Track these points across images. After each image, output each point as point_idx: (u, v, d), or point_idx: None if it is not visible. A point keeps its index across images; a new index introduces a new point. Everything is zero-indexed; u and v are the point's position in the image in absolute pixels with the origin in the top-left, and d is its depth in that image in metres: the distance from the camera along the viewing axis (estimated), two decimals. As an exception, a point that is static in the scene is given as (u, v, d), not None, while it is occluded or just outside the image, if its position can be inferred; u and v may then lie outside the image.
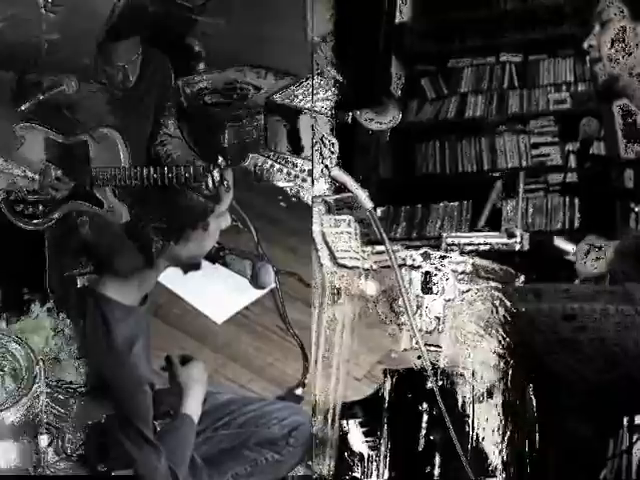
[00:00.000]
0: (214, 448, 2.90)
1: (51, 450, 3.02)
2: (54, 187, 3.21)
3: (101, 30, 3.32)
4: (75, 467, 3.00)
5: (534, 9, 4.89)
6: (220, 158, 3.10)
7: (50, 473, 3.02)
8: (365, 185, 2.82)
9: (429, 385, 2.77)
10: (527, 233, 3.09)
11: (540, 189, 4.79)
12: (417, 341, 2.75)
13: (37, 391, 3.03)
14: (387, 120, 4.16)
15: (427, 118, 5.10)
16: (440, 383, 2.79)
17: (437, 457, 2.82)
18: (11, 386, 3.04)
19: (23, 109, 3.19)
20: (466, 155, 4.99)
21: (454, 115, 5.06)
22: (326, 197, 3.02)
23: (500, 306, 2.79)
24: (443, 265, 2.88)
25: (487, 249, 3.05)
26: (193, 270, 2.72)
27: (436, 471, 2.82)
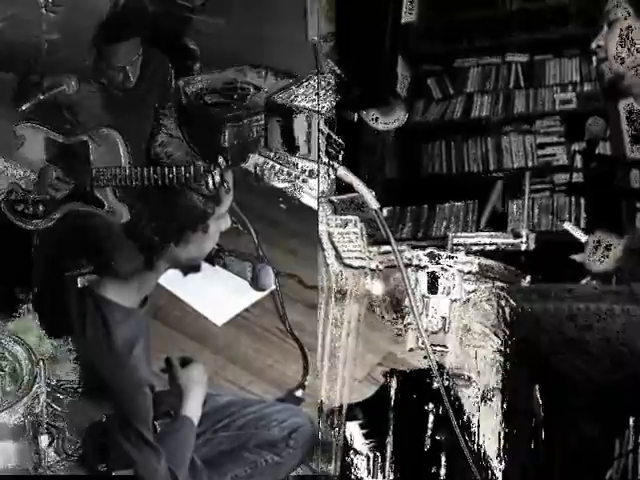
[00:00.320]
0: (214, 450, 2.90)
1: (51, 450, 3.03)
2: (54, 187, 3.21)
3: (98, 29, 3.31)
4: (75, 467, 3.00)
5: (540, 9, 4.89)
6: (220, 158, 3.10)
7: (50, 473, 3.02)
8: (371, 185, 2.82)
9: (435, 385, 2.77)
10: (533, 233, 3.09)
11: (546, 189, 4.79)
12: (423, 341, 2.75)
13: (37, 391, 3.03)
14: (393, 120, 4.16)
15: (433, 118, 5.09)
16: (446, 383, 2.79)
17: (443, 457, 2.82)
18: (11, 386, 3.05)
19: (23, 109, 3.19)
20: (472, 155, 4.99)
21: (460, 115, 5.06)
22: (332, 197, 3.02)
23: (506, 306, 2.79)
24: (449, 265, 2.88)
25: (493, 249, 3.05)
26: (193, 272, 2.71)
27: (442, 471, 2.82)
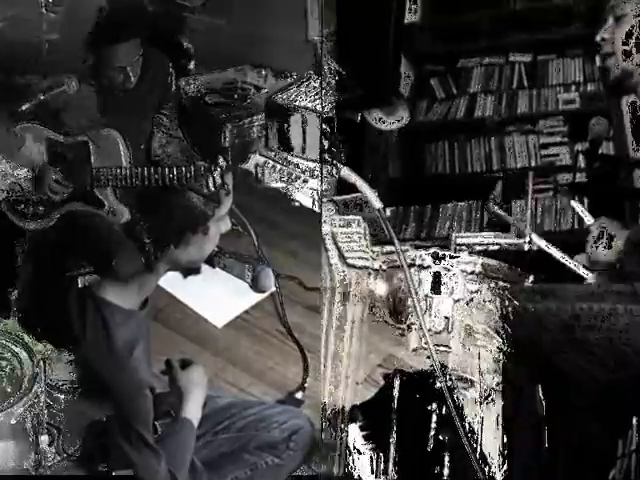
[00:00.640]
0: (214, 452, 2.88)
1: (51, 450, 3.03)
2: (53, 190, 3.22)
3: (98, 29, 3.31)
4: (75, 467, 3.00)
5: (543, 9, 4.90)
6: (220, 158, 3.10)
7: (50, 473, 3.02)
8: (374, 185, 2.82)
9: (438, 385, 2.78)
10: (536, 233, 3.09)
11: (549, 189, 4.79)
12: (426, 341, 2.75)
13: (37, 391, 3.04)
14: (396, 120, 4.17)
15: (436, 118, 5.10)
16: (449, 383, 2.79)
17: (446, 457, 2.82)
18: (11, 386, 3.05)
19: (24, 109, 3.18)
20: (475, 155, 5.00)
21: (463, 115, 5.07)
22: (335, 197, 3.02)
23: (509, 306, 2.79)
24: (452, 265, 2.89)
25: (496, 249, 3.05)
26: (193, 274, 2.70)
27: (445, 471, 2.82)
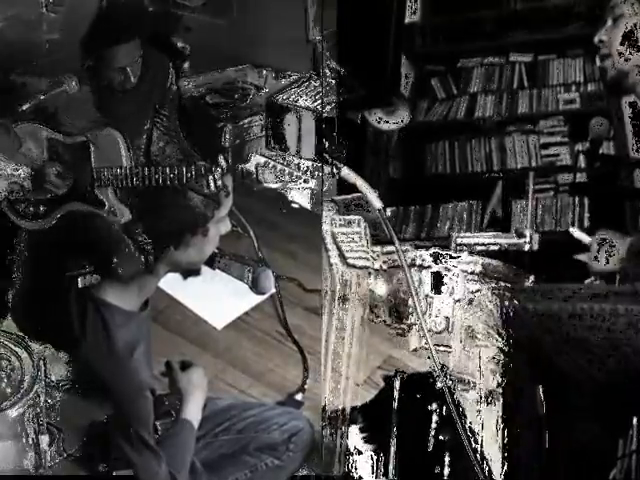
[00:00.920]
0: (214, 453, 2.90)
1: (51, 450, 3.03)
2: (55, 181, 3.22)
3: (97, 30, 3.31)
4: (75, 467, 3.00)
5: (544, 9, 4.89)
6: (221, 158, 3.10)
7: (50, 473, 3.02)
8: (374, 185, 2.82)
9: (438, 385, 2.78)
10: (537, 233, 3.08)
11: (550, 189, 4.79)
12: (427, 341, 2.75)
13: (37, 391, 3.04)
14: (397, 120, 4.17)
15: (437, 118, 5.10)
16: (449, 383, 2.79)
17: (446, 457, 2.82)
18: (11, 386, 3.05)
19: (24, 109, 3.17)
20: (476, 155, 4.99)
21: (464, 115, 5.07)
22: (335, 197, 3.02)
23: (509, 306, 2.79)
24: (453, 265, 2.88)
25: (497, 249, 3.05)
26: (193, 275, 2.72)
27: (445, 471, 2.82)
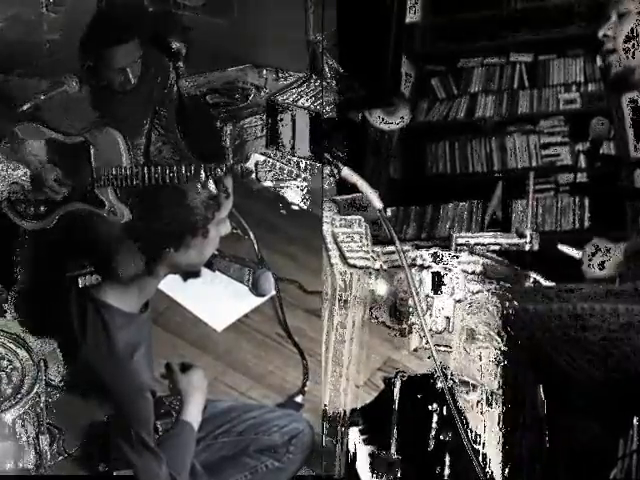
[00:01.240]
0: (214, 455, 2.90)
1: (51, 450, 3.03)
2: (54, 187, 3.22)
3: (97, 30, 3.30)
4: (75, 467, 3.00)
5: (544, 9, 4.89)
6: (221, 158, 3.10)
7: (50, 473, 3.03)
8: (375, 185, 2.82)
9: (439, 385, 2.78)
10: (537, 233, 3.08)
11: (550, 189, 4.79)
12: (427, 341, 2.75)
13: (37, 391, 3.04)
14: (397, 120, 4.17)
15: (437, 118, 5.10)
16: (450, 383, 2.79)
17: (447, 457, 2.82)
18: (11, 386, 3.05)
19: (24, 109, 3.17)
20: (476, 155, 4.99)
21: (464, 115, 5.07)
22: (336, 197, 3.02)
23: (510, 306, 2.79)
24: (453, 265, 2.88)
25: (497, 249, 3.04)
26: (193, 277, 2.71)
27: (446, 471, 2.82)
